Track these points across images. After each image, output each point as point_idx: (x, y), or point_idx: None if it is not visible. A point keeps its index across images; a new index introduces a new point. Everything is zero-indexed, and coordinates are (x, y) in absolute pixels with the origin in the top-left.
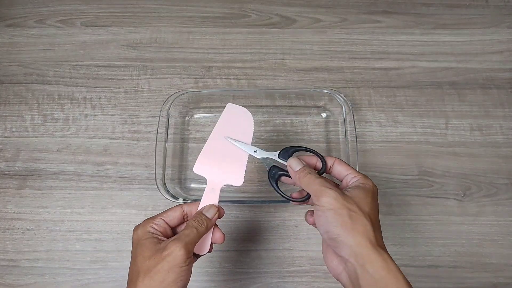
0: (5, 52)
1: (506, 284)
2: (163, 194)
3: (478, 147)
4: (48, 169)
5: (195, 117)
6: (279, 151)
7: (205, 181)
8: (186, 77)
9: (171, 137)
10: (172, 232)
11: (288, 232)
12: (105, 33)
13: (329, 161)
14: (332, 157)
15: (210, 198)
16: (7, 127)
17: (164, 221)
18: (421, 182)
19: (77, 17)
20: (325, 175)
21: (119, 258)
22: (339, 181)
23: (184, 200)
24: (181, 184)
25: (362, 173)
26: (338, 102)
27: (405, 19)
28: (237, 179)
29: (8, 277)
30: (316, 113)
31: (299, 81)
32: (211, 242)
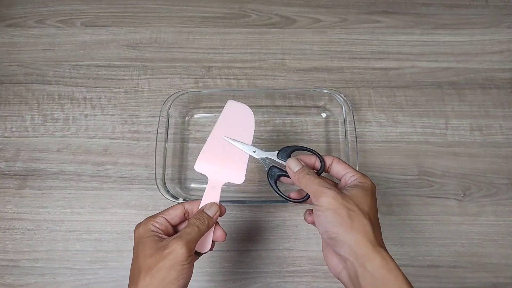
0: (5, 52)
1: (506, 284)
2: (163, 194)
3: (478, 147)
4: (48, 169)
5: (195, 117)
6: (277, 151)
7: (206, 181)
8: (186, 77)
9: (171, 137)
10: (173, 230)
11: (288, 232)
12: (105, 33)
13: (328, 160)
14: (330, 156)
15: (211, 196)
16: (7, 127)
17: (165, 219)
18: (421, 182)
19: (77, 17)
20: (324, 174)
21: (119, 258)
22: (337, 180)
23: (184, 200)
24: (181, 184)
25: (360, 172)
26: (338, 102)
27: (405, 19)
28: (238, 177)
29: (8, 277)
30: (316, 113)
31: (299, 81)
32: (213, 240)
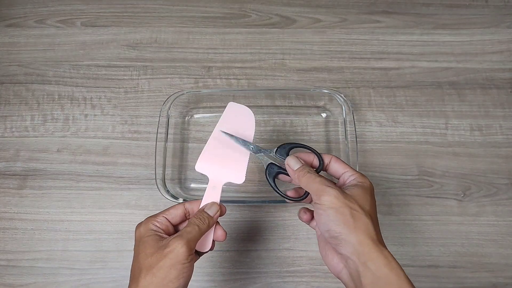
0: (5, 52)
1: (506, 284)
2: (163, 194)
3: (478, 147)
4: (48, 169)
5: (195, 117)
6: (276, 148)
7: (206, 181)
8: (186, 77)
9: (171, 137)
10: (174, 230)
11: (288, 232)
12: (105, 33)
13: (326, 158)
14: (328, 154)
15: (211, 196)
16: (7, 127)
17: (166, 218)
18: (421, 182)
19: (77, 17)
20: (322, 173)
21: (119, 258)
22: (335, 179)
23: (184, 200)
24: (181, 184)
25: (359, 172)
26: (338, 102)
27: (405, 19)
28: (238, 177)
29: (8, 277)
30: (316, 113)
31: (299, 81)
32: (213, 239)
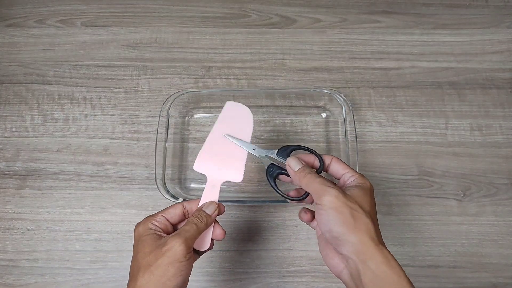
0: (5, 52)
1: (506, 284)
2: (163, 194)
3: (478, 147)
4: (48, 169)
5: (195, 117)
6: (277, 149)
7: (205, 181)
8: (186, 77)
9: (171, 137)
10: (173, 229)
11: (288, 232)
12: (105, 33)
13: (327, 159)
14: (329, 155)
15: (210, 195)
16: (7, 127)
17: (165, 218)
18: (421, 182)
19: (77, 17)
20: (322, 173)
21: (119, 258)
22: (336, 179)
23: (184, 200)
24: (181, 184)
25: (358, 172)
26: (338, 102)
27: (405, 19)
28: (237, 175)
29: (8, 277)
30: (316, 113)
31: (299, 81)
32: (212, 238)
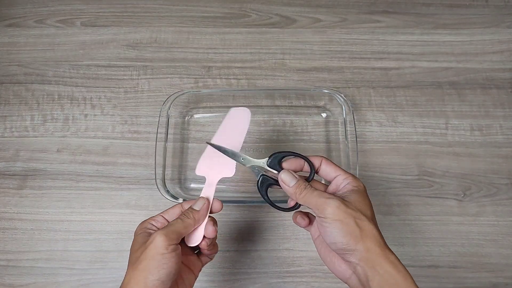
0: (5, 52)
1: (506, 284)
2: (163, 194)
3: (478, 147)
4: (48, 169)
5: (195, 117)
6: (267, 158)
7: (205, 181)
8: (186, 77)
9: (171, 137)
10: None
11: (288, 232)
12: (105, 33)
13: (316, 161)
14: (318, 156)
15: (206, 193)
16: (7, 127)
17: (163, 217)
18: (421, 182)
19: (77, 17)
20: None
21: (119, 258)
22: (327, 182)
23: (184, 200)
24: (181, 184)
25: (350, 173)
26: (338, 102)
27: (405, 19)
28: (229, 170)
29: (8, 277)
30: (316, 113)
31: (299, 81)
32: (205, 235)
